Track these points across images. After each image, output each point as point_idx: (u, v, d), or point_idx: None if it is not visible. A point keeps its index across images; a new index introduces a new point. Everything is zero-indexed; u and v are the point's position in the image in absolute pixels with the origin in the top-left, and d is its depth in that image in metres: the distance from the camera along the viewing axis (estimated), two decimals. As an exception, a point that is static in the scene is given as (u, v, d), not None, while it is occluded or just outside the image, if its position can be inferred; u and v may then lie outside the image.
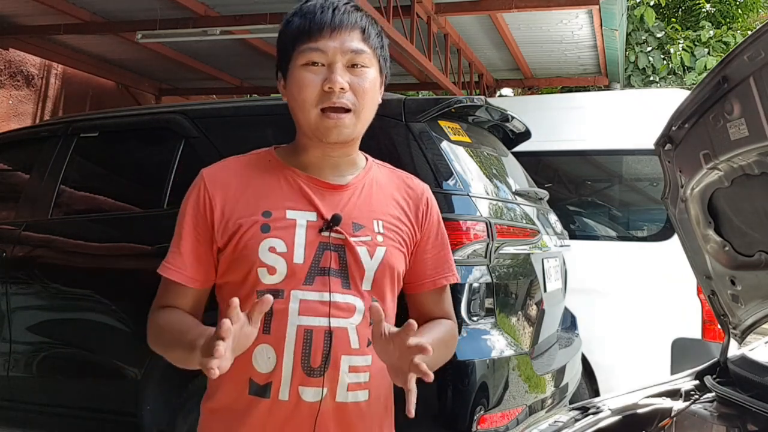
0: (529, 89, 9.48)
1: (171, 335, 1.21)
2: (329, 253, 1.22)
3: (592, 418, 1.61)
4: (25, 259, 3.18)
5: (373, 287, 1.24)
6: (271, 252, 1.19)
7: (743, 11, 11.64)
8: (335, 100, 1.19)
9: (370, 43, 1.24)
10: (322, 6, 1.22)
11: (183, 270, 1.24)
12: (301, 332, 1.18)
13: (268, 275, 1.19)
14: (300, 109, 1.22)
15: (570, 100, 5.74)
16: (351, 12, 1.23)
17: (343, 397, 1.21)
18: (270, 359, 1.19)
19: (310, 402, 1.18)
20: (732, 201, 1.59)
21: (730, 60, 1.29)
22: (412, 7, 5.86)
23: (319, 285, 1.20)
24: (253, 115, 3.11)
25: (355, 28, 1.22)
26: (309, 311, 1.19)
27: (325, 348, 1.18)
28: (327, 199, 1.25)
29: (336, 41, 1.20)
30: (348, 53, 1.20)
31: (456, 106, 2.74)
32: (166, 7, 5.98)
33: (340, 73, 1.19)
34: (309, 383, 1.18)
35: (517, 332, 2.64)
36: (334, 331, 1.19)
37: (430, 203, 1.37)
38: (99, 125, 3.42)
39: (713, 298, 1.82)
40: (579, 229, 4.38)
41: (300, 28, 1.22)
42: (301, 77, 1.21)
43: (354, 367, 1.21)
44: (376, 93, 1.26)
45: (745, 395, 1.59)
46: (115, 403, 2.94)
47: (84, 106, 8.32)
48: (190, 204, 1.26)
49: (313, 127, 1.22)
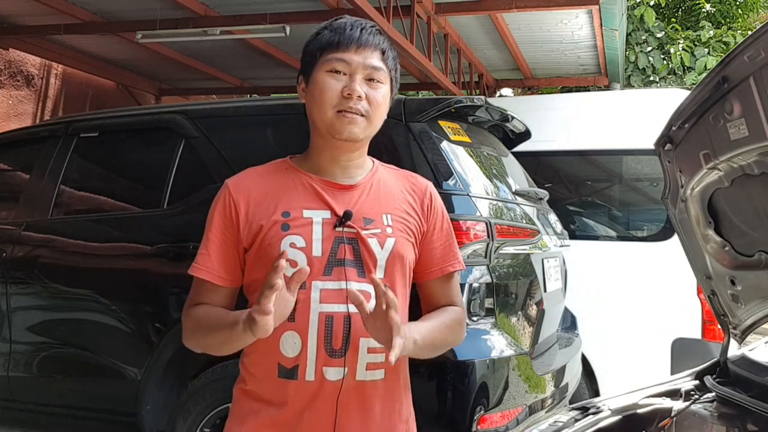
0: (529, 89, 9.47)
1: (209, 324, 1.33)
2: (344, 246, 1.34)
3: (592, 418, 1.61)
4: (25, 259, 3.18)
5: (386, 275, 1.36)
6: (291, 247, 1.32)
7: (743, 11, 11.64)
8: (351, 105, 1.33)
9: (387, 64, 1.39)
10: (352, 24, 1.38)
11: (212, 269, 1.37)
12: (323, 318, 1.31)
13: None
14: (318, 108, 1.35)
15: (570, 100, 5.74)
16: (375, 34, 1.39)
17: (362, 376, 1.33)
18: (296, 344, 1.31)
19: (333, 381, 1.31)
20: (732, 201, 1.59)
21: (730, 60, 1.29)
22: (412, 7, 5.86)
23: (337, 275, 1.33)
24: (253, 115, 3.11)
25: (377, 48, 1.37)
26: (329, 299, 1.31)
27: (345, 331, 1.31)
28: (339, 198, 1.38)
29: (360, 56, 1.35)
30: (368, 68, 1.35)
31: (456, 106, 2.74)
32: (166, 7, 5.98)
33: (359, 83, 1.34)
34: (332, 363, 1.31)
35: (517, 332, 2.64)
36: (352, 316, 1.30)
37: (434, 197, 1.50)
38: (99, 125, 3.42)
39: (713, 298, 1.82)
40: (579, 229, 4.38)
41: (329, 40, 1.37)
42: (325, 80, 1.35)
43: (372, 348, 1.32)
44: (386, 106, 1.40)
45: (745, 395, 1.59)
46: (115, 403, 2.94)
47: (84, 106, 8.32)
48: (218, 210, 1.39)
49: (328, 123, 1.35)
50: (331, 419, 1.31)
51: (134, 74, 8.87)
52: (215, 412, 2.56)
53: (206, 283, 1.38)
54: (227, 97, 9.36)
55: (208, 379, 2.61)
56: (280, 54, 7.63)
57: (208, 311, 1.36)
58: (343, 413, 1.32)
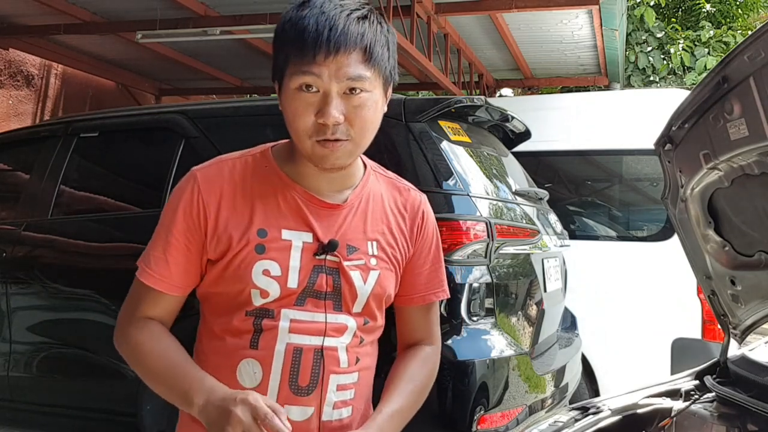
0: (529, 89, 9.47)
1: (157, 368, 1.16)
2: (323, 276, 1.18)
3: (592, 418, 1.61)
4: (25, 259, 3.19)
5: (364, 309, 1.22)
6: (264, 275, 1.14)
7: (743, 11, 11.64)
8: (329, 135, 1.09)
9: (374, 62, 1.11)
10: (317, 22, 1.07)
11: (168, 279, 1.18)
12: (291, 350, 1.15)
13: (260, 298, 1.16)
14: (294, 134, 1.14)
15: (570, 100, 5.74)
16: (351, 29, 1.08)
17: (328, 416, 1.19)
18: (256, 374, 1.16)
19: (295, 421, 1.14)
20: (732, 201, 1.59)
21: (730, 60, 1.29)
22: (412, 7, 5.85)
23: (311, 306, 1.17)
24: (253, 115, 3.11)
25: (356, 48, 1.08)
26: (300, 330, 1.16)
27: (315, 367, 1.16)
28: (323, 219, 1.19)
29: (333, 65, 1.07)
30: (344, 80, 1.08)
31: (456, 106, 2.74)
32: (166, 7, 5.99)
33: (334, 105, 1.08)
34: (296, 402, 1.16)
35: (517, 332, 2.64)
36: (325, 351, 1.17)
37: (426, 216, 1.32)
38: (99, 125, 3.42)
39: (713, 298, 1.82)
40: (579, 229, 4.38)
41: (293, 42, 1.09)
42: (294, 105, 1.11)
43: (341, 386, 1.19)
44: (376, 117, 1.16)
45: (745, 395, 1.59)
46: (115, 403, 2.94)
47: (84, 106, 8.32)
48: (183, 207, 1.18)
49: (309, 154, 1.14)
50: None
51: (134, 74, 8.87)
52: (215, 412, 2.56)
53: (155, 292, 1.18)
54: (227, 97, 9.35)
55: (208, 379, 2.61)
56: (280, 54, 7.62)
57: (156, 352, 1.16)
58: None
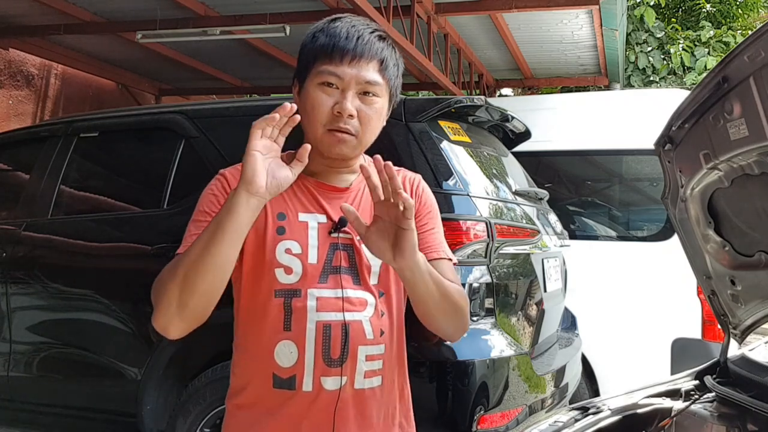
0: (529, 89, 9.48)
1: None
2: (339, 252, 1.31)
3: (592, 418, 1.61)
4: (25, 259, 3.18)
5: (380, 281, 1.34)
6: (287, 253, 1.28)
7: (743, 11, 11.65)
8: (341, 125, 1.27)
9: (386, 74, 1.32)
10: (348, 32, 1.29)
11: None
12: (320, 327, 1.27)
13: (285, 275, 1.28)
14: (309, 123, 1.30)
15: (570, 99, 5.74)
16: (374, 42, 1.30)
17: (360, 384, 1.31)
18: (292, 354, 1.28)
19: (330, 390, 1.28)
20: (732, 201, 1.59)
21: (730, 60, 1.29)
22: (412, 7, 5.86)
23: (333, 283, 1.30)
24: (253, 115, 3.10)
25: (374, 59, 1.30)
26: (326, 307, 1.28)
27: (342, 340, 1.28)
28: (333, 202, 1.34)
29: (354, 69, 1.28)
30: (362, 83, 1.28)
31: (456, 106, 2.74)
32: (166, 7, 5.99)
33: (350, 99, 1.27)
34: (329, 373, 1.28)
35: (517, 332, 2.64)
36: (350, 324, 1.28)
37: (424, 190, 1.45)
38: (99, 125, 3.42)
39: (713, 298, 1.82)
40: (579, 229, 4.38)
41: (323, 47, 1.29)
42: (316, 96, 1.29)
43: (370, 356, 1.31)
44: (380, 121, 1.35)
45: (745, 395, 1.59)
46: (115, 403, 2.94)
47: (84, 106, 8.32)
48: (212, 194, 1.31)
49: (318, 141, 1.30)
50: (329, 429, 1.29)
51: (134, 74, 8.87)
52: (215, 412, 2.56)
53: None
54: (227, 97, 9.35)
55: (208, 379, 2.61)
56: (280, 54, 7.63)
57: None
58: (340, 422, 1.29)
